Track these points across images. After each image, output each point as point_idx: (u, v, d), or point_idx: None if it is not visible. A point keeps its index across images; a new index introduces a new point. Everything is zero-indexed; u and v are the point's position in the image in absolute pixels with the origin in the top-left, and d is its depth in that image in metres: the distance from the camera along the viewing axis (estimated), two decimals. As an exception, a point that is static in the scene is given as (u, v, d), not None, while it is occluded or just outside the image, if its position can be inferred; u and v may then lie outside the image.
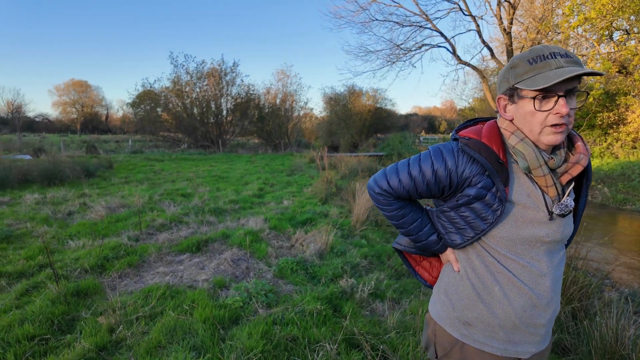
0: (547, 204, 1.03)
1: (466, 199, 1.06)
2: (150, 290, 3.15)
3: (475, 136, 1.06)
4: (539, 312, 1.06)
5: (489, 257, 1.08)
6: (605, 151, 15.12)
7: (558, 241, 1.07)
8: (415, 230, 1.20)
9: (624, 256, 5.76)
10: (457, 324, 1.14)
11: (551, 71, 0.94)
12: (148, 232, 4.91)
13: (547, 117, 0.97)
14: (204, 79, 24.03)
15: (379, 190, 1.18)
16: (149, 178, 10.24)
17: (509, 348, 1.08)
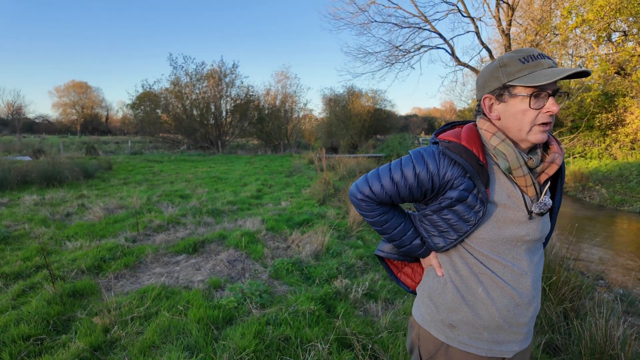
0: (526, 203, 1.05)
1: (448, 202, 1.07)
2: (145, 290, 3.17)
3: (455, 139, 1.07)
4: (522, 310, 1.08)
5: (471, 259, 1.09)
6: (603, 152, 15.15)
7: (537, 239, 1.09)
8: (399, 235, 1.20)
9: (620, 257, 5.79)
10: (441, 327, 1.14)
11: (545, 70, 0.97)
12: (145, 233, 4.93)
13: (537, 115, 1.00)
14: (203, 80, 24.11)
15: (361, 197, 1.18)
16: (148, 179, 10.28)
17: (493, 348, 1.10)
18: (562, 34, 15.53)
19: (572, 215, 8.81)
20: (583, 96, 14.82)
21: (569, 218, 8.29)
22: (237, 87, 25.70)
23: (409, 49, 20.60)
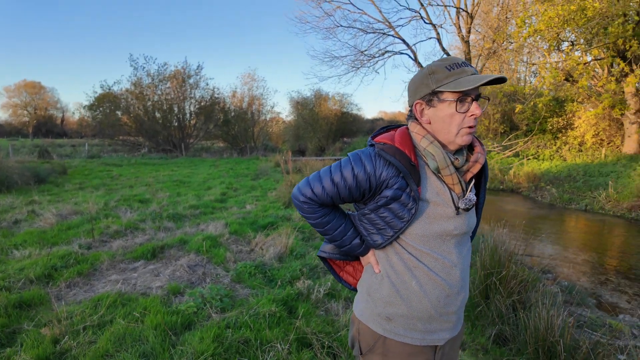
0: (454, 200, 1.13)
1: (384, 200, 1.12)
2: (100, 298, 3.06)
3: (389, 142, 1.14)
4: (451, 300, 1.16)
5: (406, 254, 1.15)
6: (554, 154, 16.07)
7: (465, 233, 1.18)
8: (340, 235, 1.24)
9: (566, 252, 6.17)
10: (379, 321, 1.20)
11: (469, 76, 1.05)
12: (101, 239, 4.75)
13: (464, 119, 1.08)
14: (166, 81, 23.46)
15: (303, 199, 1.21)
16: (106, 184, 9.88)
17: (426, 337, 1.17)
18: (517, 42, 16.36)
19: (526, 213, 9.30)
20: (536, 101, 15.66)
21: (522, 216, 8.74)
22: (202, 88, 25.24)
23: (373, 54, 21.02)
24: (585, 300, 3.91)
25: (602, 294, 4.44)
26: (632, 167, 11.86)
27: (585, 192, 10.57)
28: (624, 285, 4.71)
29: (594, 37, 12.77)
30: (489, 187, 13.33)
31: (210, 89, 25.78)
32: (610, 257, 6.00)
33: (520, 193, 12.19)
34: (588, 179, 11.79)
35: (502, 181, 13.41)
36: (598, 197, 9.69)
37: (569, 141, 17.03)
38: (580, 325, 3.02)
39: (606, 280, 4.92)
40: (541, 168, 14.02)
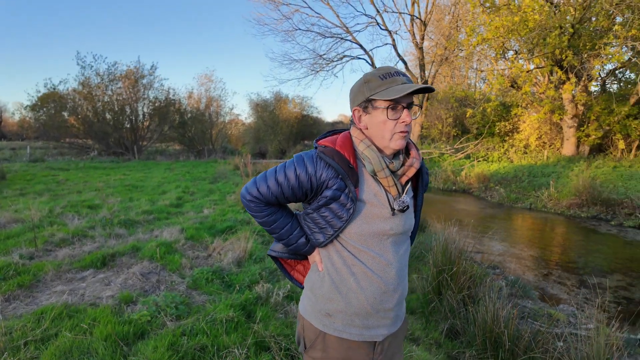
0: (390, 201, 1.20)
1: (325, 200, 1.18)
2: (44, 311, 2.87)
3: (330, 144, 1.21)
4: (388, 297, 1.22)
5: (345, 252, 1.22)
6: (502, 156, 17.04)
7: (401, 233, 1.24)
8: (286, 234, 1.29)
9: (513, 248, 6.56)
10: (319, 317, 1.25)
11: (399, 85, 1.12)
12: (46, 248, 4.46)
13: (396, 125, 1.15)
14: (117, 81, 22.36)
15: (250, 198, 1.26)
16: (51, 189, 9.25)
17: (364, 333, 1.22)
18: (467, 50, 17.22)
19: (476, 212, 9.79)
20: (485, 106, 16.56)
21: (473, 215, 9.19)
22: (157, 89, 24.25)
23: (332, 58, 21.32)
24: (529, 292, 4.19)
25: (545, 287, 4.77)
26: (570, 168, 12.84)
27: (530, 192, 11.29)
28: (564, 278, 5.09)
29: (534, 47, 13.71)
30: (444, 187, 13.90)
31: (165, 90, 24.88)
32: (552, 252, 6.45)
33: (472, 193, 12.81)
34: (532, 179, 12.61)
35: (454, 182, 14.02)
36: (541, 196, 10.39)
37: (515, 144, 18.15)
38: (524, 316, 3.24)
39: (548, 273, 5.29)
40: (490, 169, 14.82)
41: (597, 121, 14.56)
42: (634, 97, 13.42)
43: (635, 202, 8.64)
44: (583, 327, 2.92)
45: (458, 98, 20.97)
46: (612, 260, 5.91)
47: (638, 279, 5.03)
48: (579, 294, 4.50)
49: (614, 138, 14.88)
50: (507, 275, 4.81)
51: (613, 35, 11.99)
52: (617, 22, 12.35)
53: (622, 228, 7.82)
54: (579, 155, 14.93)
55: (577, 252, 6.34)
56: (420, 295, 3.53)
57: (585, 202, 9.21)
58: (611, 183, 10.53)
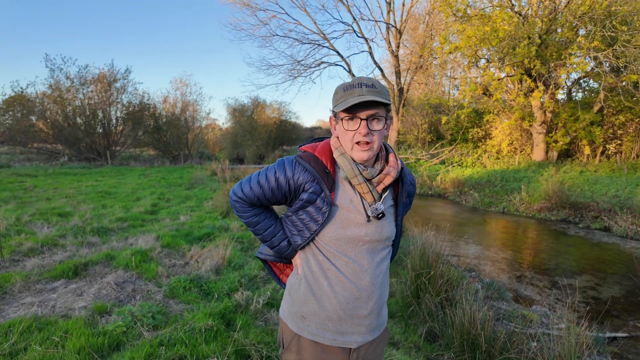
0: (365, 208, 1.23)
1: (301, 203, 1.22)
2: (11, 324, 2.74)
3: (310, 150, 1.26)
4: (361, 304, 1.23)
5: (321, 256, 1.25)
6: (476, 161, 17.50)
7: (377, 241, 1.25)
8: (269, 235, 1.34)
9: (488, 251, 6.74)
10: (295, 319, 1.28)
11: (352, 97, 1.14)
12: (13, 258, 4.27)
13: (353, 136, 1.18)
14: (89, 84, 21.70)
15: (235, 198, 1.32)
16: (18, 196, 8.86)
17: (337, 338, 1.24)
18: (440, 58, 17.68)
19: (452, 216, 10.00)
20: (458, 113, 17.01)
21: (448, 219, 9.39)
22: (130, 93, 23.69)
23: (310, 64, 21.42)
24: (504, 294, 4.31)
25: (518, 288, 4.91)
26: (540, 173, 13.32)
27: (502, 196, 11.63)
28: (536, 280, 5.26)
29: (505, 56, 14.21)
30: (420, 192, 14.14)
31: (139, 94, 24.34)
32: (524, 254, 6.66)
33: (447, 198, 13.08)
34: (505, 184, 13.01)
35: (430, 187, 14.29)
36: (513, 201, 10.72)
37: (488, 149, 18.69)
38: (499, 318, 3.33)
39: (521, 275, 5.45)
40: (464, 174, 15.20)
41: (564, 128, 15.19)
42: (597, 105, 14.09)
43: (600, 206, 9.05)
44: (555, 327, 3.03)
45: (433, 105, 21.46)
46: (581, 261, 6.16)
47: (605, 279, 5.26)
48: (550, 294, 4.66)
49: (580, 144, 15.56)
50: (482, 278, 4.93)
51: (577, 46, 12.59)
52: (581, 35, 12.99)
53: (589, 230, 8.16)
54: (548, 161, 15.52)
55: (548, 254, 6.57)
56: (399, 299, 3.57)
57: (554, 206, 9.56)
58: (578, 187, 10.98)
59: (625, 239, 7.34)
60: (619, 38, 11.07)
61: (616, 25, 11.10)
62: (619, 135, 15.10)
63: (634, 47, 10.83)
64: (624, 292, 4.81)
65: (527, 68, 14.00)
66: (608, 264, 5.96)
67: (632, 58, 10.92)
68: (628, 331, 3.66)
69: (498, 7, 14.36)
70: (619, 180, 11.25)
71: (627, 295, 4.70)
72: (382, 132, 1.19)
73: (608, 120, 15.13)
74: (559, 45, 13.57)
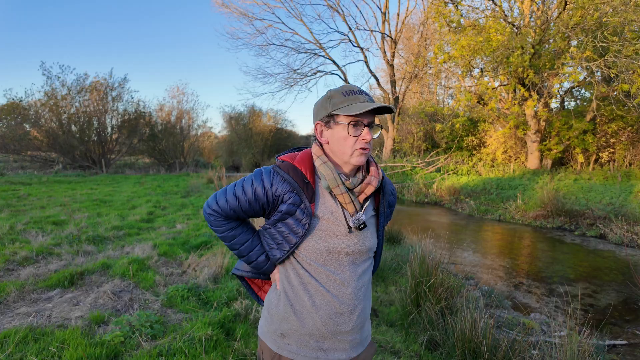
0: (346, 218, 1.19)
1: (280, 215, 1.18)
2: (6, 335, 2.69)
3: (289, 160, 1.23)
4: (344, 318, 1.19)
5: (301, 269, 1.20)
6: (471, 169, 17.61)
7: (359, 252, 1.22)
8: (246, 250, 1.28)
9: (485, 259, 6.75)
10: (274, 337, 1.23)
11: (360, 103, 1.14)
12: (7, 267, 4.20)
13: (356, 142, 1.16)
14: (85, 93, 21.66)
15: (209, 211, 1.26)
16: (11, 205, 8.76)
17: (319, 356, 1.20)
18: (435, 67, 17.87)
19: (448, 224, 10.03)
20: (453, 121, 17.15)
21: (445, 227, 9.41)
22: (126, 101, 23.68)
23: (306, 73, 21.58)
24: (503, 302, 4.30)
25: (516, 296, 4.92)
26: (535, 181, 13.42)
27: (498, 204, 11.69)
28: (534, 287, 5.27)
29: (498, 66, 14.41)
30: (416, 200, 14.18)
31: (134, 102, 24.34)
32: (521, 262, 6.68)
33: (443, 205, 13.12)
34: (500, 192, 13.08)
35: (426, 194, 14.34)
36: (509, 208, 10.77)
37: (483, 157, 18.83)
38: (500, 326, 3.32)
39: (519, 283, 5.46)
40: (460, 182, 15.27)
41: (557, 136, 15.36)
42: (590, 114, 14.28)
43: (595, 213, 9.12)
44: (555, 334, 3.03)
45: (428, 113, 21.63)
46: (577, 269, 6.18)
47: (602, 287, 5.27)
48: (548, 302, 4.66)
49: (574, 152, 15.73)
50: (480, 285, 4.93)
51: (570, 56, 12.79)
52: (573, 45, 13.21)
53: (585, 238, 8.21)
54: (543, 169, 15.66)
55: (545, 262, 6.59)
56: (399, 307, 3.56)
57: (550, 214, 9.62)
58: (573, 195, 11.07)
59: (621, 246, 7.39)
60: (610, 48, 11.27)
61: (607, 35, 11.30)
62: (612, 144, 15.30)
63: (625, 57, 11.02)
64: (621, 299, 4.83)
65: (520, 77, 14.19)
66: (604, 271, 5.98)
67: (623, 68, 11.10)
68: (627, 338, 3.67)
69: (491, 17, 14.58)
70: (612, 187, 11.36)
71: (625, 303, 4.71)
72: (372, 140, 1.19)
73: (601, 128, 15.33)
74: (552, 55, 13.78)
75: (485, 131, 19.30)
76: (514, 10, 15.53)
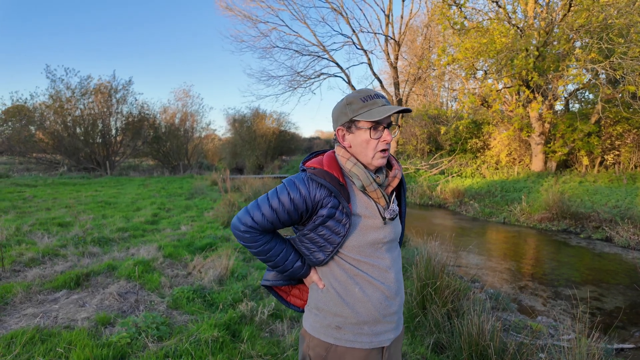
0: (380, 211, 1.28)
1: (321, 219, 1.23)
2: (13, 336, 2.70)
3: (318, 166, 1.26)
4: (391, 301, 1.29)
5: (346, 265, 1.27)
6: (475, 172, 17.55)
7: (393, 239, 1.32)
8: (282, 260, 1.31)
9: (490, 262, 6.71)
10: (329, 331, 1.28)
11: (380, 107, 1.21)
12: (13, 269, 4.22)
13: (377, 144, 1.24)
14: (89, 95, 21.78)
15: (244, 228, 1.26)
16: (17, 206, 8.82)
17: (374, 340, 1.27)
18: (438, 70, 17.84)
19: (453, 227, 9.99)
20: (457, 124, 17.10)
21: (450, 229, 9.37)
22: (130, 103, 23.79)
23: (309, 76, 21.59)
24: (509, 305, 4.28)
25: (522, 299, 4.89)
26: (540, 183, 13.36)
27: (503, 206, 11.64)
28: (539, 290, 5.24)
29: (502, 68, 14.36)
30: (420, 202, 14.14)
31: (139, 105, 24.44)
32: (526, 264, 6.64)
33: (447, 208, 13.08)
34: (505, 194, 13.02)
35: (430, 197, 14.30)
36: (514, 211, 10.72)
37: (487, 160, 18.76)
38: (507, 329, 3.30)
39: (524, 285, 5.43)
40: (464, 184, 15.22)
41: (562, 138, 15.28)
42: (595, 116, 14.20)
43: (601, 216, 9.05)
44: (563, 338, 3.01)
45: (431, 115, 21.59)
46: (583, 271, 6.14)
47: (608, 290, 5.23)
48: (555, 305, 4.63)
49: (579, 154, 15.64)
50: (486, 288, 4.90)
51: (575, 58, 12.74)
52: (578, 47, 13.15)
53: (590, 240, 8.15)
54: (547, 171, 15.57)
55: (550, 265, 6.55)
56: (405, 310, 3.54)
57: (555, 216, 9.57)
58: (578, 197, 11.00)
59: (627, 249, 7.33)
60: (616, 50, 11.21)
61: (613, 37, 11.25)
62: (617, 146, 15.20)
63: (630, 59, 10.96)
64: (629, 302, 4.79)
65: (525, 79, 14.14)
66: (611, 274, 5.94)
67: (629, 70, 11.04)
68: (635, 342, 3.64)
69: (495, 19, 14.55)
70: (618, 190, 11.28)
71: (632, 306, 4.68)
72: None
73: (606, 131, 15.24)
74: (556, 57, 13.73)
75: (489, 133, 19.23)
76: (517, 13, 15.50)
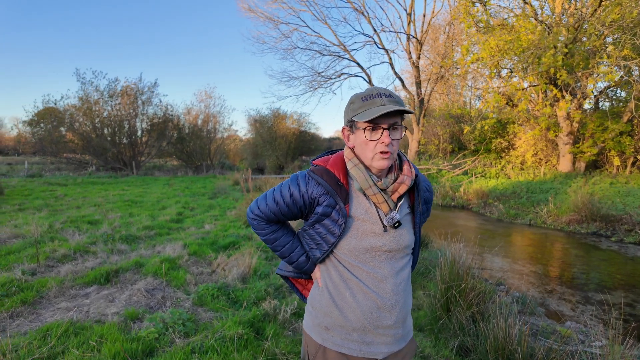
0: (380, 217, 1.22)
1: (317, 216, 1.24)
2: (49, 328, 2.82)
3: (322, 164, 1.27)
4: (384, 313, 1.23)
5: (340, 267, 1.25)
6: (500, 172, 17.16)
7: (396, 250, 1.24)
8: (288, 252, 1.34)
9: (515, 264, 6.55)
10: (319, 330, 1.28)
11: (376, 107, 1.15)
12: (47, 264, 4.41)
13: (376, 145, 1.17)
14: (116, 97, 22.48)
15: (252, 216, 1.34)
16: (50, 204, 9.19)
17: (363, 349, 1.24)
18: (462, 69, 17.53)
19: (477, 228, 9.80)
20: (483, 123, 16.76)
21: (474, 231, 9.20)
22: (155, 105, 24.42)
23: (330, 76, 21.63)
24: (536, 309, 4.16)
25: (549, 303, 4.75)
26: (568, 184, 12.94)
27: (529, 208, 11.33)
28: (568, 294, 5.08)
29: (529, 66, 13.98)
30: (442, 203, 13.92)
31: (163, 106, 25.06)
32: (554, 268, 6.45)
33: (471, 209, 12.83)
34: (531, 196, 12.67)
35: (453, 198, 14.06)
36: (540, 212, 10.43)
37: (512, 160, 18.31)
38: (534, 334, 3.22)
39: (552, 290, 5.27)
40: (488, 185, 14.89)
41: (591, 138, 14.76)
42: (627, 114, 13.66)
43: (634, 218, 8.70)
44: (594, 344, 2.91)
45: (454, 115, 21.24)
46: (615, 276, 5.91)
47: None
48: (584, 310, 4.48)
49: (609, 155, 15.06)
50: (512, 291, 4.79)
51: (606, 55, 12.28)
52: (610, 42, 12.67)
53: (622, 244, 7.84)
54: (576, 172, 15.07)
55: (579, 269, 6.34)
56: (428, 311, 3.50)
57: (584, 218, 9.25)
58: (609, 199, 10.60)
59: (662, 253, 7.02)
60: (650, 46, 10.75)
61: (647, 33, 10.79)
62: (651, 146, 14.56)
63: (666, 55, 10.48)
64: (664, 309, 4.59)
65: (552, 77, 13.72)
66: (645, 279, 5.70)
67: (664, 66, 10.56)
68: (672, 351, 3.48)
69: (521, 16, 14.18)
70: (652, 192, 10.81)
71: (668, 313, 4.47)
72: (399, 141, 1.20)
73: (639, 130, 14.62)
74: (586, 54, 13.26)
75: (515, 133, 18.76)
76: (544, 9, 15.07)
